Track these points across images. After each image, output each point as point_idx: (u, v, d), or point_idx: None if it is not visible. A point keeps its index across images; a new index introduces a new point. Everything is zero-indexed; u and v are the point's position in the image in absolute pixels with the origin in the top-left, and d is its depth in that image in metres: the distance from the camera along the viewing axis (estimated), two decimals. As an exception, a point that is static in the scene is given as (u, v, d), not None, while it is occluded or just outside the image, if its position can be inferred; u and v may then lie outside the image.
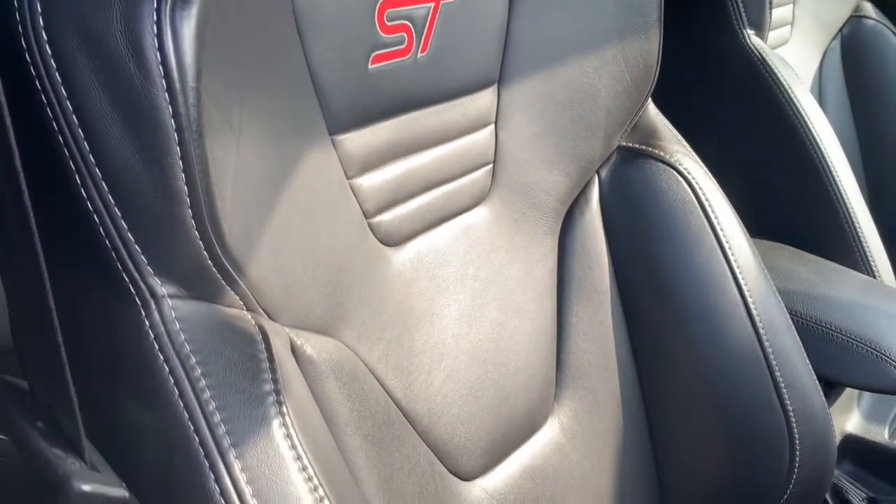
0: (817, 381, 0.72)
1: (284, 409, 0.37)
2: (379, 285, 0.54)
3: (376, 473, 0.48)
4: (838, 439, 0.88)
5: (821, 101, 1.26)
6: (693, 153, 0.74)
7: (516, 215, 0.66)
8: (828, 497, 0.82)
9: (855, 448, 0.87)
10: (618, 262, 0.71)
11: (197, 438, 0.34)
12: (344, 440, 0.47)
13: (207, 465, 0.34)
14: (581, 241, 0.70)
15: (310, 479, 0.36)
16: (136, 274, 0.36)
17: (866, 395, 0.91)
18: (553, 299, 0.68)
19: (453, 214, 0.61)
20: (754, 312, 0.69)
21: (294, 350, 0.44)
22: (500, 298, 0.63)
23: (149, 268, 0.36)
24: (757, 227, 0.95)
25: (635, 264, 0.71)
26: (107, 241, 0.36)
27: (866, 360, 0.78)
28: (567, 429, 0.66)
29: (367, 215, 0.54)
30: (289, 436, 0.37)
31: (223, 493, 0.34)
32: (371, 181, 0.54)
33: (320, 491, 0.36)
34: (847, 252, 0.95)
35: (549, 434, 0.65)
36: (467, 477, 0.58)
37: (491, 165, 0.63)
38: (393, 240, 0.56)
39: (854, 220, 0.95)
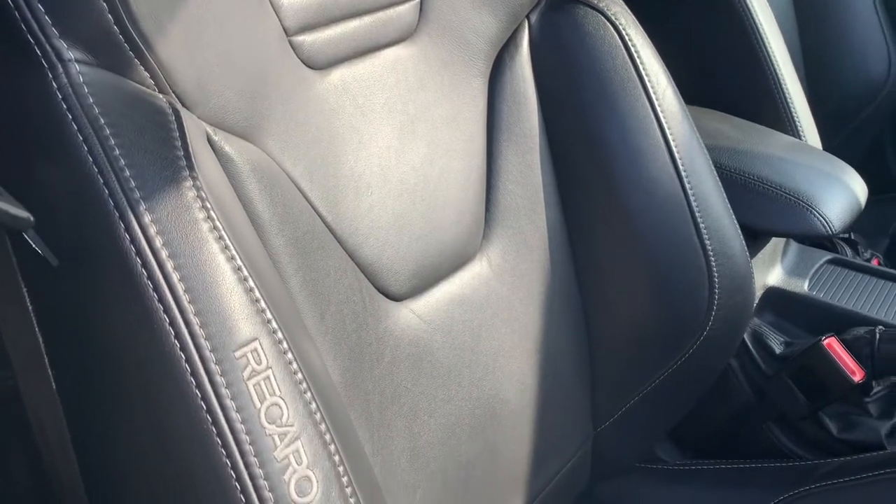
0: (737, 226, 0.76)
1: (195, 174, 0.38)
2: (302, 104, 0.55)
3: (301, 275, 0.50)
4: (761, 293, 0.93)
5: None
6: (622, 3, 0.75)
7: (445, 55, 0.66)
8: (748, 342, 0.86)
9: (776, 299, 0.91)
10: (546, 107, 0.73)
11: (107, 191, 0.35)
12: (267, 239, 0.48)
13: (118, 214, 0.35)
14: (510, 86, 0.71)
15: (221, 238, 0.38)
16: (41, 35, 0.36)
17: (789, 251, 0.95)
18: (482, 141, 0.69)
19: (379, 46, 0.62)
20: (677, 156, 0.72)
21: (212, 145, 0.45)
22: (428, 136, 0.65)
23: (53, 29, 0.36)
24: (687, 94, 0.98)
25: (563, 109, 0.73)
26: (10, 2, 0.36)
27: (787, 207, 0.81)
28: (495, 265, 0.69)
29: (287, 32, 0.54)
30: (200, 198, 0.38)
31: (133, 240, 0.35)
32: (292, -1, 0.54)
33: (232, 251, 0.38)
34: (776, 118, 0.98)
35: (477, 269, 0.68)
36: (395, 297, 0.60)
37: (418, 0, 0.64)
38: (317, 62, 0.56)
39: (784, 87, 0.97)
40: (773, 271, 0.93)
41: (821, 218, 0.79)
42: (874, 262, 1.05)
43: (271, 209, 0.49)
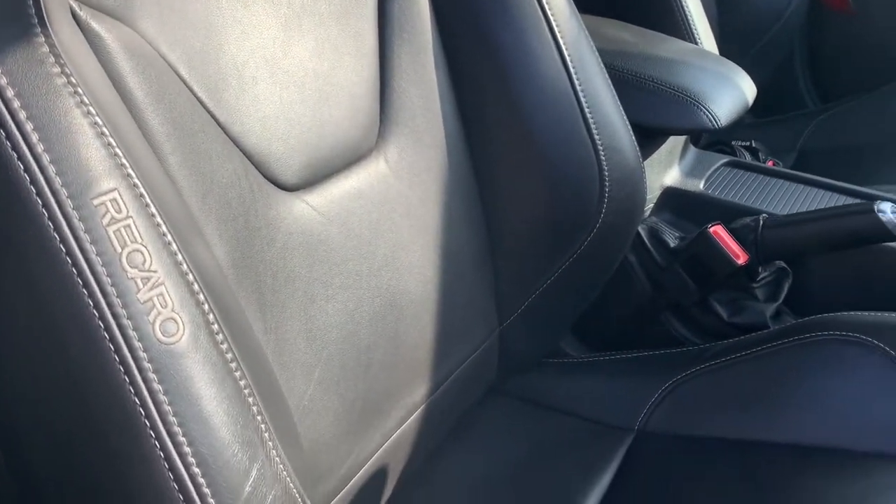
0: (627, 122, 0.79)
1: (48, 32, 0.38)
2: (177, -8, 0.55)
3: (179, 155, 0.51)
4: (658, 192, 0.97)
5: None
6: None
7: (330, -51, 0.66)
8: (645, 238, 0.90)
9: (673, 198, 0.96)
10: (441, 9, 0.74)
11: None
12: (141, 118, 0.48)
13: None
14: (399, -15, 0.72)
15: (76, 94, 0.38)
16: None
17: (687, 154, 0.99)
18: (373, 39, 0.70)
19: (255, -61, 0.62)
20: (566, 54, 0.74)
21: (76, 20, 0.45)
22: (315, 30, 0.65)
23: None
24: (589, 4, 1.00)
25: (455, 9, 0.74)
26: None
27: (676, 104, 0.85)
28: (392, 163, 0.70)
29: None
30: (54, 55, 0.38)
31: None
32: None
33: (89, 107, 0.38)
34: (674, 27, 1.01)
35: (374, 166, 0.69)
36: (286, 187, 0.61)
37: None
38: (192, -50, 0.56)
39: (684, 3, 1.00)
40: (670, 172, 0.98)
41: (708, 113, 0.83)
42: (769, 163, 1.10)
43: (145, 88, 0.49)
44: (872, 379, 0.70)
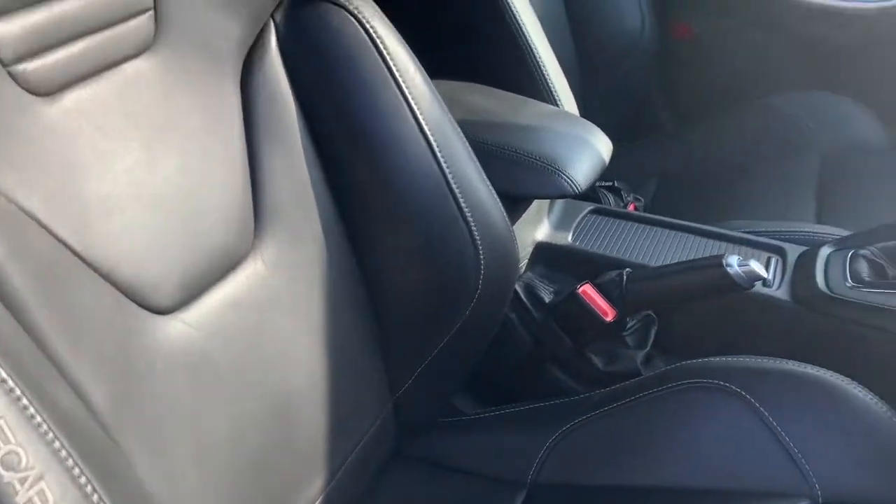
0: (495, 195, 0.82)
1: None
2: (31, 134, 0.54)
3: (48, 308, 0.50)
4: (531, 248, 1.02)
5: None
6: (367, -6, 0.79)
7: (190, 62, 0.67)
8: (522, 295, 0.95)
9: (545, 253, 1.01)
10: (304, 103, 0.75)
11: None
12: (3, 280, 0.48)
13: None
14: (264, 87, 0.73)
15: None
16: None
17: (555, 207, 1.05)
18: (242, 143, 0.71)
19: (116, 62, 0.61)
20: (431, 138, 0.77)
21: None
22: (181, 145, 0.65)
23: None
24: (448, 68, 1.03)
25: (321, 104, 0.75)
26: None
27: (538, 172, 0.89)
28: (270, 263, 0.71)
29: (4, 63, 0.53)
30: None
31: None
32: (6, 28, 0.53)
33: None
34: (532, 86, 1.06)
35: (251, 268, 0.70)
36: (163, 311, 0.61)
37: (152, 11, 0.64)
38: (44, 89, 0.56)
39: (537, 56, 1.05)
40: (540, 228, 1.03)
41: (567, 179, 0.88)
42: (631, 207, 1.18)
43: (4, 247, 0.49)
44: (731, 421, 0.76)
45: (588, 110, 1.49)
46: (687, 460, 0.77)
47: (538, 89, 1.06)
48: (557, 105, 1.07)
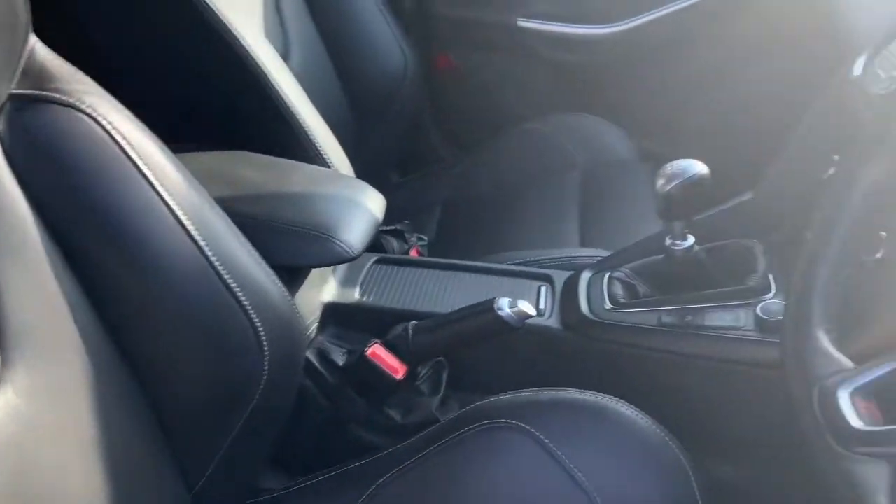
0: (270, 273, 0.82)
1: None
2: None
3: None
4: (320, 311, 1.02)
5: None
6: (101, 89, 0.75)
7: None
8: (315, 362, 0.95)
9: (334, 313, 1.01)
10: (46, 212, 0.70)
11: None
12: None
13: None
14: (-8, 201, 0.67)
15: None
16: None
17: (339, 266, 1.06)
18: (-29, 267, 0.65)
19: None
20: (190, 228, 0.74)
21: None
22: None
23: None
24: (214, 138, 1.01)
25: (64, 209, 0.71)
26: None
27: (312, 241, 0.90)
28: (24, 392, 0.65)
29: None
30: None
31: None
32: None
33: None
34: (300, 147, 1.06)
35: (1, 401, 0.64)
36: None
37: None
38: None
39: (300, 119, 1.05)
40: (326, 288, 1.03)
41: (342, 245, 0.89)
42: (414, 252, 1.22)
43: None
44: (522, 457, 0.81)
45: (367, 153, 1.52)
46: (490, 501, 0.81)
47: (306, 151, 1.06)
48: (327, 165, 1.07)
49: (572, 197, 1.43)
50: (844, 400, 0.50)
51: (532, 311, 0.88)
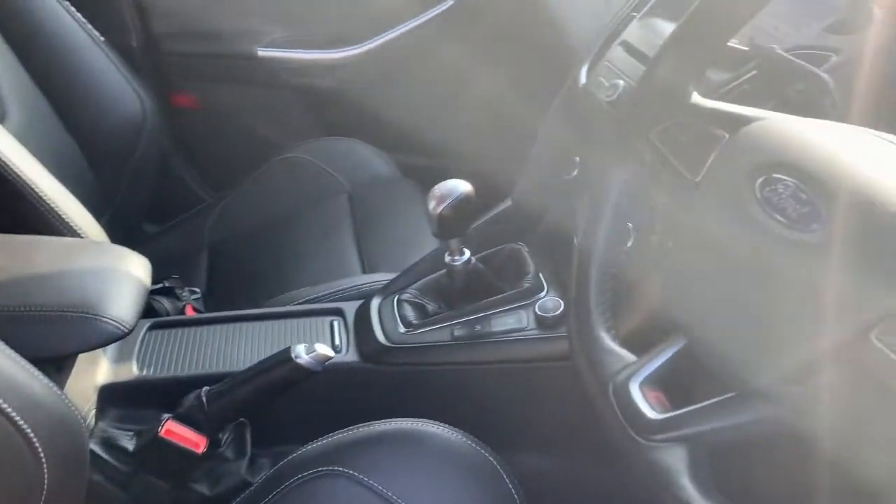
0: (31, 368, 0.72)
1: None
2: None
3: None
4: (96, 396, 0.93)
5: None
6: None
7: None
8: (101, 453, 0.86)
9: (112, 395, 0.92)
10: None
11: None
12: None
13: None
14: None
15: None
16: None
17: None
18: None
19: None
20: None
21: None
22: None
23: None
24: None
25: None
26: None
27: (77, 324, 0.81)
28: None
29: None
30: None
31: None
32: None
33: None
34: (45, 223, 0.95)
35: None
36: None
37: None
38: None
39: (36, 190, 0.95)
40: (99, 370, 0.94)
41: (111, 322, 0.81)
42: (189, 309, 1.14)
43: None
44: (348, 501, 0.80)
45: (114, 207, 1.41)
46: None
47: (48, 222, 0.95)
48: (75, 233, 0.98)
49: (344, 223, 1.43)
50: (636, 393, 0.55)
51: (331, 353, 0.87)
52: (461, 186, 0.93)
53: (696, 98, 0.62)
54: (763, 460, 0.54)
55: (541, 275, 0.98)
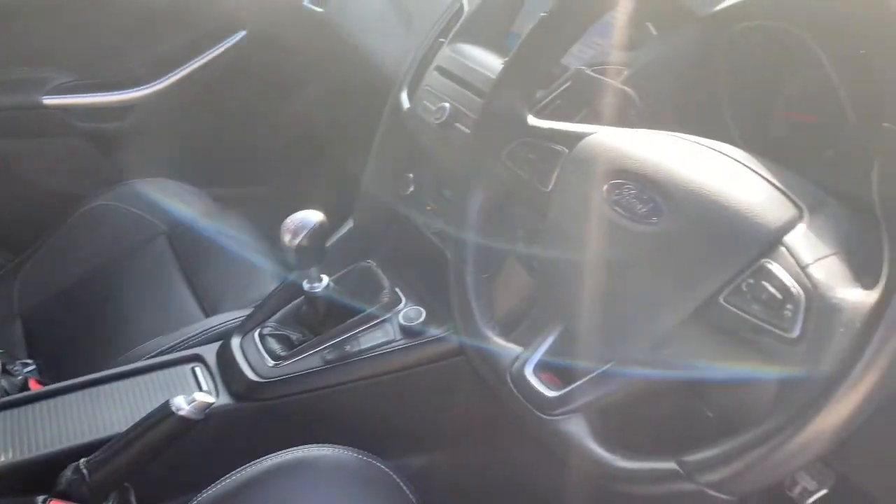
0: None
1: None
2: None
3: None
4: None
5: None
6: None
7: None
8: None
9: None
10: None
11: None
12: None
13: None
14: None
15: None
16: None
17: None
18: None
19: None
20: None
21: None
22: None
23: None
24: None
25: None
26: None
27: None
28: None
29: None
30: None
31: None
32: None
33: None
34: None
35: None
36: None
37: None
38: None
39: None
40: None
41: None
42: (33, 384, 1.07)
43: None
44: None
45: None
46: None
47: None
48: None
49: (170, 266, 1.39)
50: (532, 378, 0.64)
51: (211, 398, 0.87)
52: (312, 216, 0.96)
53: (532, 120, 0.72)
54: (644, 410, 0.64)
55: (396, 288, 1.05)
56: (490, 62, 1.01)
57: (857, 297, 0.47)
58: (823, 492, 0.91)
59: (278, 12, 1.65)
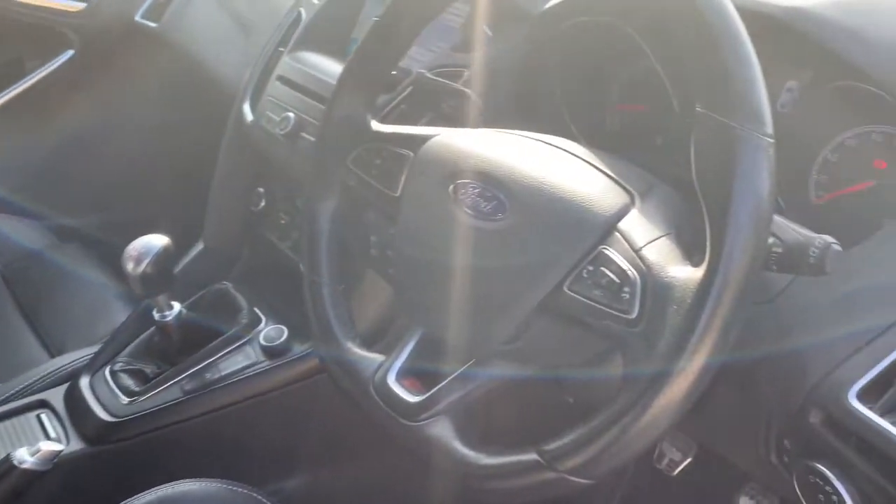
0: None
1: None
2: None
3: None
4: None
5: None
6: None
7: None
8: None
9: None
10: None
11: None
12: None
13: None
14: None
15: None
16: None
17: None
18: None
19: None
20: None
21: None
22: None
23: None
24: None
25: None
26: None
27: None
28: None
29: None
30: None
31: None
32: None
33: None
34: None
35: None
36: None
37: None
38: None
39: None
40: None
41: None
42: None
43: None
44: None
45: None
46: None
47: None
48: None
49: (6, 307, 1.28)
50: (395, 385, 0.63)
51: (58, 446, 0.81)
52: (156, 241, 0.91)
53: (376, 125, 0.71)
54: (509, 403, 0.65)
55: (255, 308, 1.01)
56: (332, 69, 1.00)
57: (686, 273, 0.50)
58: (688, 461, 0.96)
59: (109, 30, 1.56)
